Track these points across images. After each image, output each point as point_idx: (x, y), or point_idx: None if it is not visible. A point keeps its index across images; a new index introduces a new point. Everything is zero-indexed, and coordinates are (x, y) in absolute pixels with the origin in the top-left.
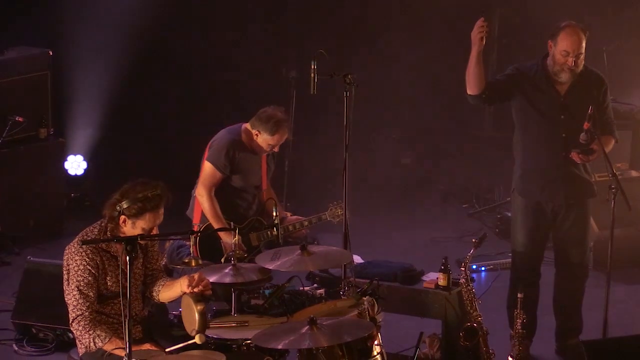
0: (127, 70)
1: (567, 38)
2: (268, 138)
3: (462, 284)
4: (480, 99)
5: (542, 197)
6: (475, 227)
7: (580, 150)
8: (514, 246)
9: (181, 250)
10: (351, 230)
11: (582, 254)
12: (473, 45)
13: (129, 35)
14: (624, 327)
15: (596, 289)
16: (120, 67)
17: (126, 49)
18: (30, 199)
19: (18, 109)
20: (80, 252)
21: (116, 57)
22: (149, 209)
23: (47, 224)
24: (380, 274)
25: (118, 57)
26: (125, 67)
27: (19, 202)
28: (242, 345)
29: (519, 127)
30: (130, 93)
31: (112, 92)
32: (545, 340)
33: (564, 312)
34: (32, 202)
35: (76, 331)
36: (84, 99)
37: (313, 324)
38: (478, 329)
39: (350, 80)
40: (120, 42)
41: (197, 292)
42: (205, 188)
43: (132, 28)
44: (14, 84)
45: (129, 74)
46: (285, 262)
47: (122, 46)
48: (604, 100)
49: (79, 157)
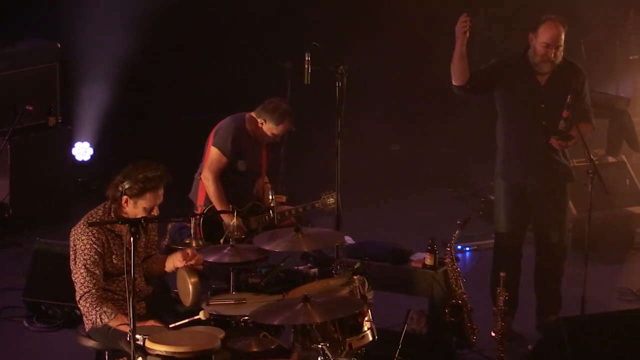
0: (131, 62)
1: (547, 31)
2: (273, 127)
3: (447, 264)
4: (465, 89)
5: (524, 181)
6: (460, 209)
7: (559, 137)
8: (497, 228)
9: (183, 232)
10: (343, 213)
11: (561, 235)
12: (457, 39)
13: (132, 28)
14: (601, 305)
15: (574, 269)
16: (124, 59)
17: (130, 41)
18: (40, 184)
19: (28, 98)
20: (86, 232)
21: (120, 49)
22: (150, 189)
23: (55, 207)
24: (370, 254)
25: (122, 49)
26: (128, 59)
27: (29, 186)
28: (240, 322)
29: (501, 115)
30: (133, 83)
31: (117, 82)
32: (526, 316)
33: (544, 290)
34: (42, 187)
35: (83, 308)
36: (90, 89)
37: (307, 301)
38: (463, 306)
39: (342, 71)
40: (124, 35)
41: (191, 266)
42: (211, 172)
43: (136, 20)
44: (24, 75)
45: (133, 66)
46: (280, 243)
47: (126, 38)
48: (581, 90)
49: (85, 144)
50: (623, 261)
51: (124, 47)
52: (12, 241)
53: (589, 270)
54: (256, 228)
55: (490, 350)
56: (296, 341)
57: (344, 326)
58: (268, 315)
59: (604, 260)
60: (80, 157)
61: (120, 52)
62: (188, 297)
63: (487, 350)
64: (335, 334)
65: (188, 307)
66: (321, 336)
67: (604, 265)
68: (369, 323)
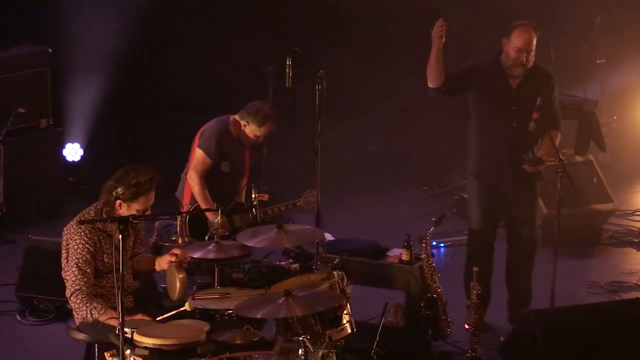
0: (119, 67)
1: (519, 36)
2: (255, 129)
3: (423, 259)
4: (440, 91)
5: (495, 179)
6: (435, 207)
7: (530, 163)
8: (470, 225)
9: (169, 229)
10: (323, 211)
11: (532, 231)
12: (433, 43)
13: (120, 34)
14: (570, 298)
15: (544, 263)
16: (113, 64)
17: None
18: (32, 183)
19: (21, 101)
20: (79, 232)
21: (108, 54)
22: (142, 193)
23: (47, 206)
24: (349, 250)
25: (110, 54)
26: (117, 64)
27: (21, 185)
28: (224, 315)
29: (474, 117)
30: (122, 87)
31: (106, 86)
32: (498, 309)
33: (515, 284)
34: (34, 186)
35: (74, 304)
36: (80, 92)
37: (288, 295)
38: (438, 300)
39: (322, 75)
40: (112, 40)
41: (180, 263)
42: (196, 172)
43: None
44: (17, 79)
45: (121, 71)
46: (263, 239)
47: (114, 44)
48: (551, 94)
49: (76, 145)
50: (591, 256)
51: (112, 52)
52: (6, 238)
53: (558, 265)
54: (240, 226)
55: (464, 341)
56: (278, 334)
57: (324, 319)
58: (251, 309)
59: (573, 255)
60: (71, 158)
61: (109, 57)
62: (175, 291)
63: (461, 342)
64: (316, 327)
65: (174, 300)
66: (302, 329)
67: (572, 260)
68: (348, 316)
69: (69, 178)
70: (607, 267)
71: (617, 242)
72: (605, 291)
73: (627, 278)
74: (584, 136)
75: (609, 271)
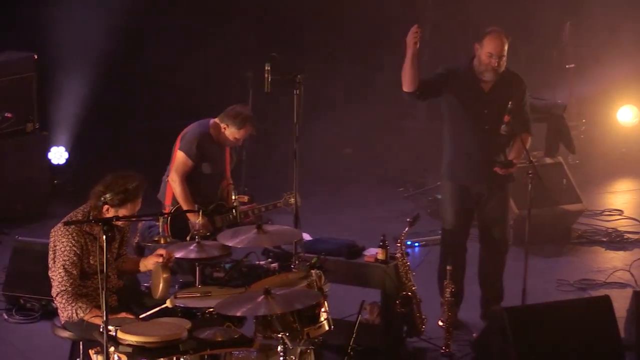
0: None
1: (491, 42)
2: (235, 132)
3: (398, 258)
4: (414, 95)
5: (468, 181)
6: (410, 208)
7: (502, 165)
8: (444, 225)
9: (152, 230)
10: (301, 212)
11: (503, 231)
12: (408, 49)
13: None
14: (540, 295)
15: (515, 262)
16: (97, 70)
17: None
18: (18, 185)
19: (7, 106)
20: (66, 234)
21: (92, 61)
22: (130, 200)
23: (33, 207)
24: (326, 250)
25: (94, 61)
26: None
27: (8, 188)
28: (205, 313)
29: (447, 120)
30: (105, 93)
31: (89, 91)
32: (471, 306)
33: (487, 282)
34: (20, 188)
35: (60, 304)
36: (65, 97)
37: (268, 293)
38: (412, 297)
39: (300, 80)
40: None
41: (165, 263)
42: (177, 174)
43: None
44: (3, 84)
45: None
46: (243, 239)
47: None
48: (522, 98)
49: (61, 148)
50: (560, 255)
51: (96, 58)
52: None
53: (529, 264)
54: (221, 226)
55: (438, 338)
56: (258, 331)
57: (302, 317)
58: (231, 307)
59: (543, 254)
60: (56, 161)
61: (93, 63)
62: (158, 291)
63: (435, 339)
64: (294, 324)
65: (156, 299)
66: (281, 326)
67: (543, 259)
68: (326, 314)
69: (55, 180)
70: (576, 266)
71: (586, 242)
72: (574, 289)
73: (595, 276)
74: (553, 139)
75: (578, 269)
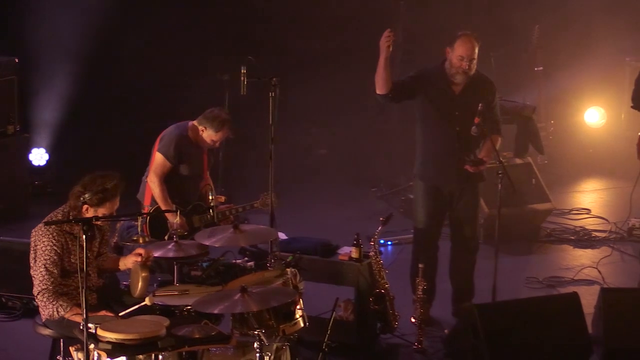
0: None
1: (462, 45)
2: (212, 134)
3: (371, 257)
4: (387, 97)
5: (440, 181)
6: (383, 207)
7: (472, 163)
8: (416, 224)
9: (131, 230)
10: (277, 211)
11: (474, 229)
12: (381, 52)
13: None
14: (510, 292)
15: (486, 260)
16: (76, 73)
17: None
18: (0, 186)
19: None
20: (47, 234)
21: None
22: (109, 198)
23: (14, 208)
24: (301, 249)
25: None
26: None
27: None
28: (183, 311)
29: (420, 122)
30: (85, 95)
31: (69, 94)
32: (443, 303)
33: (458, 280)
34: (1, 189)
35: (41, 302)
36: (46, 100)
37: (244, 291)
38: (385, 295)
39: (275, 83)
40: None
41: (144, 262)
42: (156, 175)
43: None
44: None
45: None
46: (220, 239)
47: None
48: (492, 100)
49: (41, 150)
50: (530, 253)
51: (75, 62)
52: None
53: (499, 261)
54: (199, 226)
55: (410, 334)
56: (235, 328)
57: (278, 314)
58: (209, 304)
59: (513, 252)
60: (37, 162)
61: (72, 66)
62: (137, 289)
63: (408, 335)
64: (270, 321)
65: (135, 297)
66: (257, 323)
67: (512, 257)
68: (301, 311)
69: (35, 181)
70: (545, 263)
71: (555, 240)
72: (543, 286)
73: (564, 273)
74: (523, 140)
75: (547, 267)
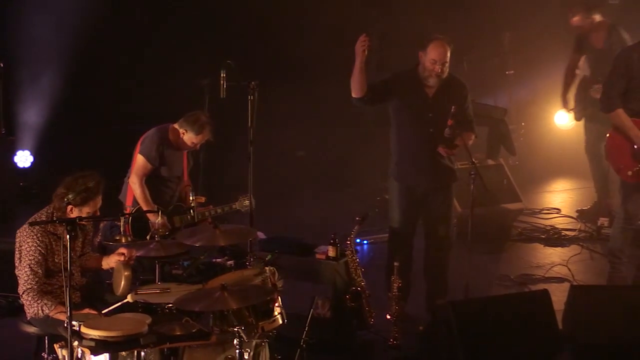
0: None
1: (435, 49)
2: (193, 137)
3: (348, 255)
4: (363, 101)
5: (414, 181)
6: (359, 207)
7: (445, 145)
8: (391, 223)
9: (114, 230)
10: (255, 211)
11: (447, 228)
12: (356, 57)
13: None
14: (482, 290)
15: (459, 258)
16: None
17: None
18: None
19: None
20: (31, 235)
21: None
22: (92, 197)
23: None
24: (279, 248)
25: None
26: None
27: None
28: (165, 308)
29: (394, 124)
30: (69, 99)
31: (54, 98)
32: (417, 301)
33: (432, 277)
34: None
35: (26, 301)
36: (31, 104)
37: (224, 289)
38: (362, 293)
39: (253, 86)
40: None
41: (127, 262)
42: (137, 177)
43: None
44: None
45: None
46: (200, 238)
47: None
48: (465, 102)
49: (26, 152)
50: (501, 251)
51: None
52: None
53: (472, 260)
54: (179, 226)
55: (386, 331)
56: (215, 325)
57: (257, 311)
58: (190, 302)
59: (485, 250)
60: (22, 164)
61: (56, 72)
62: (119, 287)
63: (383, 331)
64: (250, 319)
65: (118, 295)
66: (237, 320)
67: (484, 255)
68: (279, 308)
69: (20, 183)
70: (516, 261)
71: (526, 238)
72: (514, 283)
73: (534, 271)
74: (494, 141)
75: (518, 265)
